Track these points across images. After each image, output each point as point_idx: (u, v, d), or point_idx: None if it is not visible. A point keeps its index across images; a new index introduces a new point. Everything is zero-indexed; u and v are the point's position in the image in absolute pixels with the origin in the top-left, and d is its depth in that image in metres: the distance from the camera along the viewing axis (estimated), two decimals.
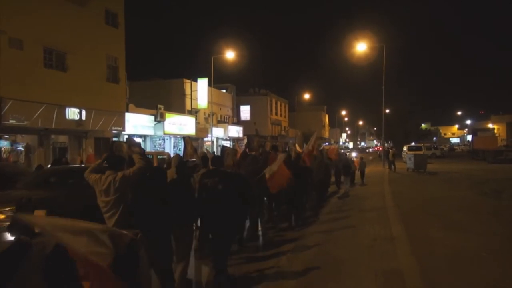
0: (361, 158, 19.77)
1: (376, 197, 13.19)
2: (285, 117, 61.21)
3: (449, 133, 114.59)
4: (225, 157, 7.90)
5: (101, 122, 19.60)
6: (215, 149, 34.79)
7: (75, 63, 18.09)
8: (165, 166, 7.37)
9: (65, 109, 17.55)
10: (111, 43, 20.65)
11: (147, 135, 27.17)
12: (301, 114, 66.80)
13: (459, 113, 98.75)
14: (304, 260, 6.14)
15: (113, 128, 20.76)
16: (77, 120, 18.18)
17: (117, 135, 23.20)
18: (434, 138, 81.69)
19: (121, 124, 21.47)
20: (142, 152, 5.57)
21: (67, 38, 17.66)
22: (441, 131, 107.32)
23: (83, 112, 18.42)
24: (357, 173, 18.71)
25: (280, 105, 59.11)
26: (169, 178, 5.17)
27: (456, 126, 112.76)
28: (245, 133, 43.48)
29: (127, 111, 22.51)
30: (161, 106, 28.22)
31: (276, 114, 57.01)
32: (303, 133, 46.86)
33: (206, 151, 14.18)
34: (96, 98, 19.11)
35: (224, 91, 42.80)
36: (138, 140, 27.57)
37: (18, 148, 17.67)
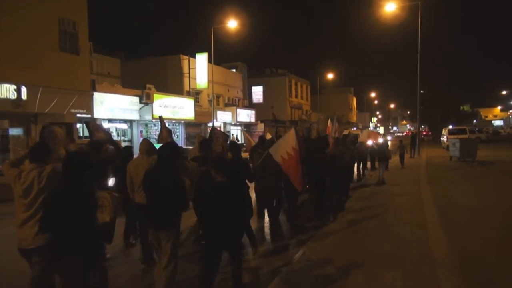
0: (401, 142, 19.74)
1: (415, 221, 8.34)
2: (306, 100, 55.77)
3: (491, 115, 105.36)
4: (214, 141, 6.65)
5: (53, 103, 15.43)
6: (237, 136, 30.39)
7: (10, 26, 13.91)
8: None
9: None
10: (66, 3, 16.31)
11: (133, 120, 23.03)
12: (325, 97, 61.33)
13: (504, 92, 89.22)
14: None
15: (73, 110, 16.57)
16: (14, 100, 14.08)
17: (90, 120, 19.07)
18: (474, 120, 73.92)
19: (86, 105, 17.28)
20: (109, 139, 5.39)
21: None
22: (481, 113, 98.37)
23: (23, 89, 14.28)
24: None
25: (301, 87, 53.71)
26: (136, 166, 4.94)
27: (499, 107, 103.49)
28: (258, 117, 38.70)
29: (95, 90, 18.28)
30: (151, 86, 23.99)
31: (296, 96, 51.72)
32: (328, 117, 41.60)
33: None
34: (43, 72, 14.93)
35: (234, 70, 38.06)
36: (124, 126, 23.52)
37: None
